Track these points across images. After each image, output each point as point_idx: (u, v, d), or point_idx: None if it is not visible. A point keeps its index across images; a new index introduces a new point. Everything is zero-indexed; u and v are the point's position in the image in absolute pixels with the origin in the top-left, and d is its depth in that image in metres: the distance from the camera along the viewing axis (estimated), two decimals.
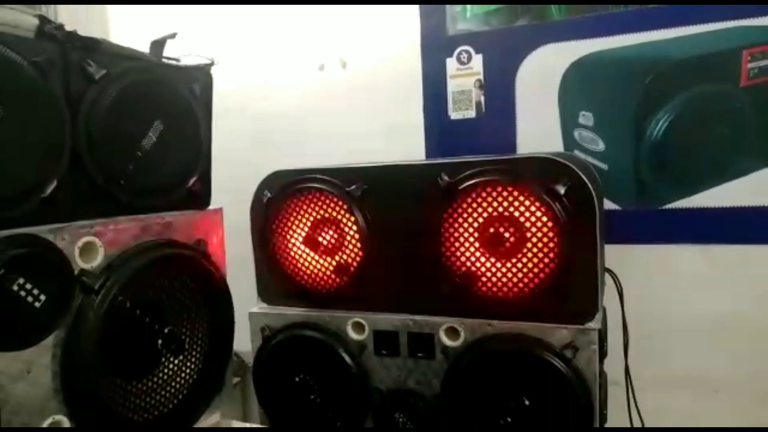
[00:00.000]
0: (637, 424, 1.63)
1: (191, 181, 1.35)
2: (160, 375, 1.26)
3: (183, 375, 1.32)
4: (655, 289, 1.71)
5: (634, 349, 1.62)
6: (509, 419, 1.40)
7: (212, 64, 1.37)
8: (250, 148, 2.15)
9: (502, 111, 1.88)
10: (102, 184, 1.17)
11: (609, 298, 1.55)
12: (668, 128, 1.69)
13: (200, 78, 1.35)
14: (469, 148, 1.88)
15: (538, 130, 1.84)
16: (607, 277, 1.59)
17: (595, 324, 1.36)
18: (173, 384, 1.30)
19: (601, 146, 1.77)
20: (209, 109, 1.39)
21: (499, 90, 1.88)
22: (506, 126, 1.87)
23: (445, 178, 1.43)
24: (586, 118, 1.78)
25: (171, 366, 1.29)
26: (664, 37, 1.67)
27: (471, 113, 1.92)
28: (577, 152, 1.80)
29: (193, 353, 1.34)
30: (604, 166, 1.76)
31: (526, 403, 1.39)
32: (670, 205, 1.71)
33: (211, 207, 1.44)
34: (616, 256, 1.62)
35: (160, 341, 1.21)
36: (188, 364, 1.32)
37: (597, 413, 1.38)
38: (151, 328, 1.19)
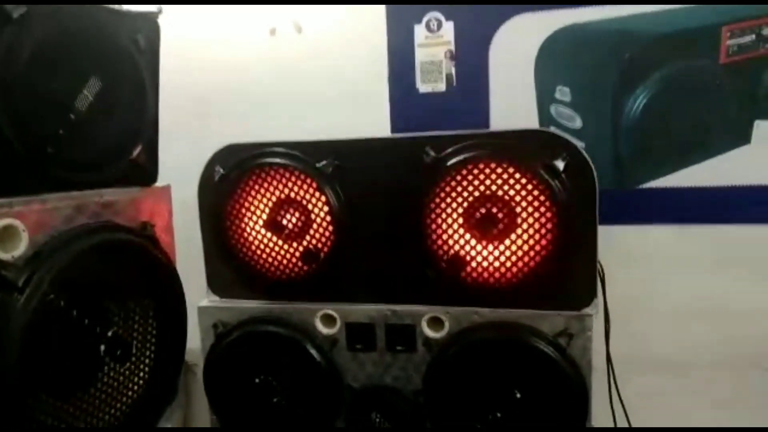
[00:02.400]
0: (618, 410, 1.58)
1: (135, 152, 1.12)
2: (102, 387, 1.04)
3: (129, 386, 1.10)
4: (632, 270, 1.66)
5: (612, 333, 1.56)
6: (499, 414, 1.30)
7: (159, 12, 1.14)
8: (187, 118, 1.89)
9: (475, 84, 1.75)
10: (23, 153, 0.92)
11: None
12: (647, 105, 1.63)
13: (145, 28, 1.11)
14: (438, 124, 1.74)
15: (512, 105, 1.73)
16: None
17: (591, 309, 1.27)
18: (117, 397, 1.08)
19: (578, 123, 1.69)
20: (156, 66, 1.15)
21: (471, 61, 1.75)
22: (479, 100, 1.75)
23: (431, 153, 1.29)
24: (563, 93, 1.69)
25: (114, 375, 1.06)
26: (644, 11, 1.60)
27: (441, 86, 1.78)
28: (553, 129, 1.70)
29: (141, 359, 1.12)
30: (581, 144, 1.68)
31: (518, 396, 1.28)
32: (648, 184, 1.66)
33: (157, 183, 1.22)
34: None
35: (102, 347, 0.98)
36: (135, 372, 1.10)
37: (591, 405, 1.30)
38: (92, 332, 0.97)
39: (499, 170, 1.24)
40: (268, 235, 1.41)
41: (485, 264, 1.28)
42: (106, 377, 1.04)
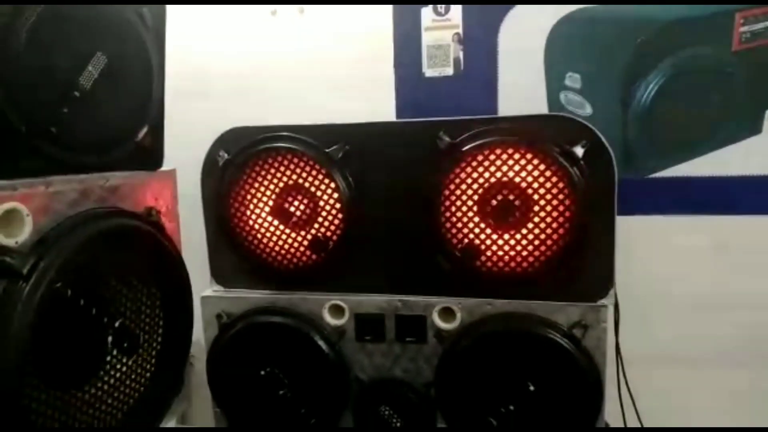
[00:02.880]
0: (626, 401, 1.56)
1: (141, 134, 1.06)
2: (109, 379, 0.99)
3: (135, 377, 1.05)
4: (642, 261, 1.64)
5: (621, 325, 1.53)
6: (511, 407, 1.27)
7: None
8: (187, 102, 1.83)
9: (483, 69, 1.71)
10: (26, 133, 0.86)
11: None
12: (658, 93, 1.60)
13: (151, 3, 1.05)
14: (445, 109, 1.70)
15: (521, 91, 1.69)
16: None
17: (608, 300, 1.25)
18: (124, 388, 1.03)
19: (588, 110, 1.66)
20: (162, 43, 1.09)
21: (479, 46, 1.70)
22: (487, 86, 1.71)
23: (446, 138, 1.25)
24: (573, 80, 1.66)
25: (120, 367, 1.01)
26: None
27: (448, 70, 1.73)
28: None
29: (148, 350, 1.07)
30: None
31: (531, 388, 1.26)
32: (658, 174, 1.64)
33: (163, 167, 1.16)
34: None
35: (110, 338, 0.93)
36: (142, 363, 1.05)
37: (604, 397, 1.28)
38: (99, 322, 0.92)
39: (517, 156, 1.21)
40: (275, 222, 1.36)
41: (500, 253, 1.25)
42: (113, 369, 0.99)
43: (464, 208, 1.25)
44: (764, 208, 1.57)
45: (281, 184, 1.35)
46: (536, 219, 1.22)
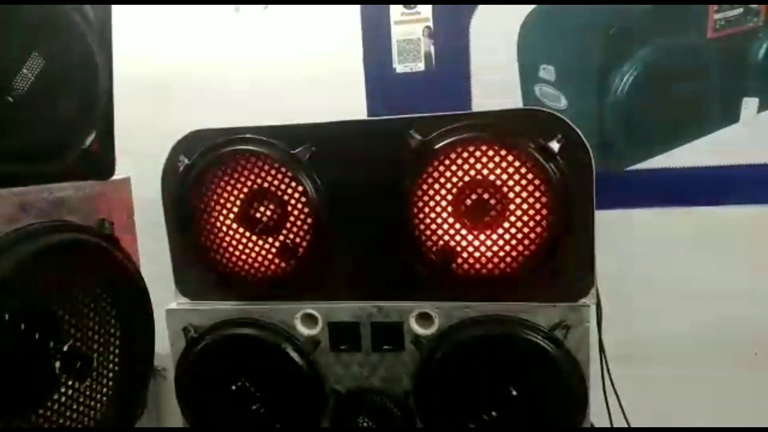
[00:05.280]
0: (612, 400, 1.53)
1: (88, 140, 0.99)
2: (58, 408, 0.91)
3: (90, 402, 0.98)
4: (620, 257, 1.60)
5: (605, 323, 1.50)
6: (494, 413, 1.22)
7: None
8: (146, 106, 1.75)
9: (455, 63, 1.66)
10: None
11: None
12: (633, 83, 1.57)
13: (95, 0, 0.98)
14: (418, 106, 1.64)
15: (495, 84, 1.64)
16: None
17: (590, 300, 1.21)
18: (77, 416, 0.96)
19: (563, 103, 1.62)
20: (108, 41, 1.02)
21: (450, 39, 1.65)
22: (459, 80, 1.66)
23: (417, 136, 1.20)
24: (547, 71, 1.62)
25: (73, 392, 0.94)
26: None
27: (419, 65, 1.68)
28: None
29: (103, 372, 1.00)
30: None
31: (513, 393, 1.21)
32: (635, 166, 1.61)
33: (115, 176, 1.09)
34: None
35: (57, 364, 0.86)
36: (97, 387, 0.98)
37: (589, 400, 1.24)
38: (43, 347, 0.85)
39: (491, 153, 1.16)
40: (240, 230, 1.30)
41: (477, 255, 1.20)
42: (63, 396, 0.91)
43: (438, 209, 1.20)
44: (745, 199, 1.54)
45: (245, 189, 1.28)
46: (512, 218, 1.17)
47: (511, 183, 1.16)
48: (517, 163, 1.15)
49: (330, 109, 1.63)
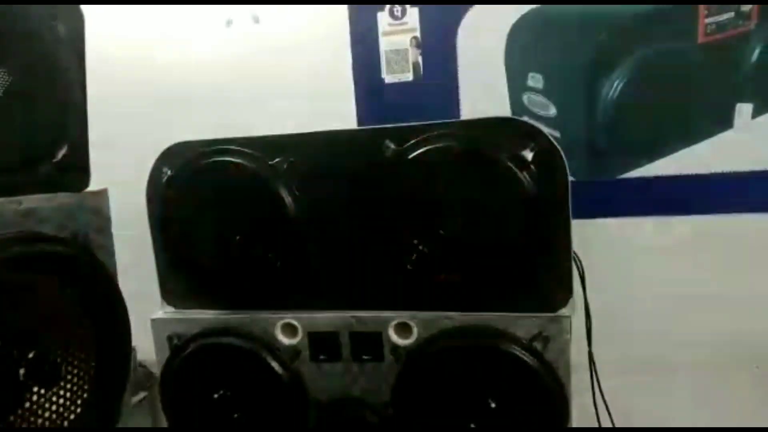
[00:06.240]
0: (601, 409, 1.49)
1: (60, 153, 1.01)
2: (29, 414, 0.93)
3: (60, 409, 1.00)
4: (613, 266, 1.57)
5: (593, 331, 1.47)
6: (473, 426, 1.21)
7: None
8: (140, 117, 1.79)
9: (443, 73, 1.66)
10: None
11: None
12: (623, 90, 1.54)
13: (66, 15, 1.00)
14: (405, 116, 1.64)
15: (484, 93, 1.64)
16: None
17: (568, 310, 1.19)
18: (48, 421, 0.97)
19: (552, 111, 1.60)
20: (81, 55, 1.04)
21: (438, 49, 1.66)
22: (448, 90, 1.66)
23: (391, 146, 1.20)
24: (535, 80, 1.61)
25: (43, 400, 0.96)
26: None
27: (407, 76, 1.68)
28: (526, 119, 1.61)
29: (76, 380, 1.02)
30: (556, 134, 1.59)
31: (492, 405, 1.19)
32: (627, 174, 1.58)
33: (96, 187, 1.11)
34: None
35: (22, 371, 0.88)
36: (69, 396, 1.00)
37: (570, 411, 1.22)
38: (8, 356, 0.87)
39: (463, 162, 1.15)
40: (221, 240, 1.31)
41: (453, 264, 1.19)
42: (34, 402, 0.94)
43: (413, 218, 1.19)
44: (739, 207, 1.50)
45: (225, 200, 1.30)
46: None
47: (483, 192, 1.15)
48: (489, 173, 1.14)
49: (320, 120, 1.65)
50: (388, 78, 1.70)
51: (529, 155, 1.13)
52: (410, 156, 1.18)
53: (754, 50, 1.46)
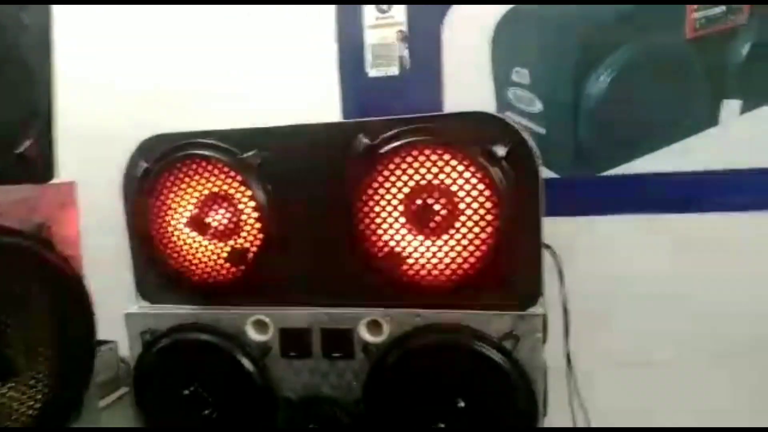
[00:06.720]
0: (579, 413, 1.47)
1: (23, 145, 1.01)
2: None
3: (22, 402, 1.00)
4: (595, 264, 1.54)
5: (574, 332, 1.44)
6: (442, 425, 1.19)
7: None
8: (124, 109, 1.78)
9: (428, 68, 1.63)
10: None
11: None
12: (610, 85, 1.51)
13: (32, 6, 0.99)
14: (391, 110, 1.62)
15: (468, 89, 1.61)
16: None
17: (538, 309, 1.16)
18: (8, 415, 0.97)
19: (538, 107, 1.57)
20: (47, 47, 1.04)
21: (424, 43, 1.63)
22: (433, 84, 1.63)
23: (364, 140, 1.18)
24: (520, 75, 1.58)
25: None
26: None
27: (393, 70, 1.66)
28: (511, 114, 1.59)
29: (36, 375, 1.01)
30: (542, 130, 1.56)
31: (461, 405, 1.17)
32: (612, 171, 1.54)
33: (66, 179, 1.10)
34: (552, 229, 1.43)
35: None
36: (25, 390, 0.99)
37: (541, 412, 1.19)
38: None
39: (434, 157, 1.13)
40: (193, 234, 1.30)
41: (423, 261, 1.17)
42: None
43: (384, 214, 1.18)
44: (724, 206, 1.46)
45: (198, 194, 1.29)
46: (457, 224, 1.14)
47: (454, 188, 1.13)
48: (460, 168, 1.12)
49: (305, 113, 1.64)
50: (372, 72, 1.67)
51: (501, 151, 1.10)
52: (381, 150, 1.16)
53: (745, 45, 1.42)
